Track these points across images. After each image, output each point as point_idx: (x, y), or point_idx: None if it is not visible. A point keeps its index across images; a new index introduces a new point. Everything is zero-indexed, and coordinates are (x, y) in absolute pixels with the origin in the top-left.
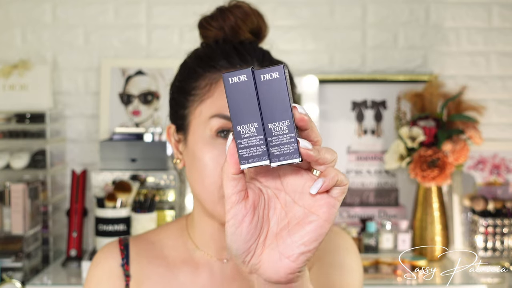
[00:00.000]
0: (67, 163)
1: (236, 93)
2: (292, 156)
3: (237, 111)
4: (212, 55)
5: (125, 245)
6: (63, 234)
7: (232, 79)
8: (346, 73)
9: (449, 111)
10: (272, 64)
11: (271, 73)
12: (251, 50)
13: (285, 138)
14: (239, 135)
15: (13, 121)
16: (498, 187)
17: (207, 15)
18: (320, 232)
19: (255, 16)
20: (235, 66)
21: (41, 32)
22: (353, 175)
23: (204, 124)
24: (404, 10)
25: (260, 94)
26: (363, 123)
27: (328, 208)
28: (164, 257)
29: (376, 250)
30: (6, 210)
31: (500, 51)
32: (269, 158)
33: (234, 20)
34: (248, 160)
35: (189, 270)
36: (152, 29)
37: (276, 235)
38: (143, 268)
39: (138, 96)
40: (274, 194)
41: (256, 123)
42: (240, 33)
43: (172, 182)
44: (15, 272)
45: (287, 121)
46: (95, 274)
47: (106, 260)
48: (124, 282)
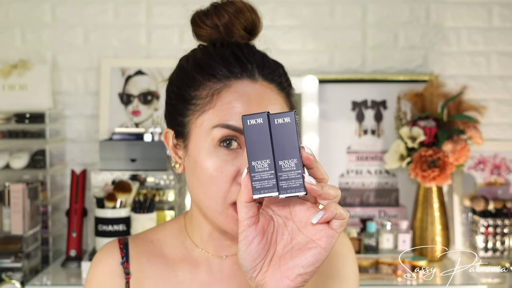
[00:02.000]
0: (67, 163)
1: (253, 133)
2: (298, 190)
3: (252, 148)
4: (211, 62)
5: (125, 244)
6: (63, 234)
7: (250, 121)
8: (346, 73)
9: (449, 111)
10: (272, 73)
11: (283, 118)
12: (250, 55)
13: (293, 174)
14: (253, 169)
15: (12, 121)
16: (499, 187)
17: (200, 11)
18: (318, 258)
19: (249, 11)
20: (236, 75)
21: (41, 32)
22: (353, 175)
23: (206, 134)
24: (404, 10)
25: (273, 135)
26: (363, 123)
27: (327, 238)
28: (163, 256)
29: (376, 250)
30: (5, 210)
31: (501, 51)
32: (278, 190)
33: (228, 17)
34: (260, 191)
35: (188, 268)
36: (152, 29)
37: (281, 257)
38: (142, 266)
39: (138, 96)
40: (284, 222)
41: (268, 160)
42: (234, 31)
43: (171, 182)
44: (14, 272)
45: (295, 159)
46: (96, 273)
47: (106, 259)
48: (124, 280)
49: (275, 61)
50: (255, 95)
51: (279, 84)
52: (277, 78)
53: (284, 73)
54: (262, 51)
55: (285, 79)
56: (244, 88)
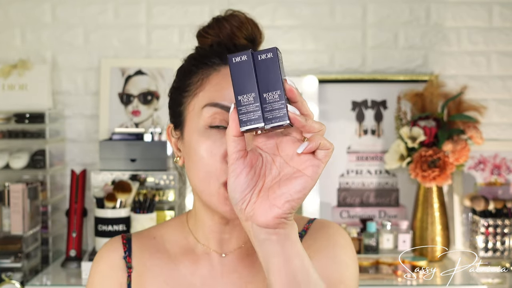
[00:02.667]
0: (67, 163)
1: (238, 69)
2: (282, 119)
3: (238, 84)
4: (205, 54)
5: (128, 239)
6: (63, 234)
7: (235, 58)
8: (346, 73)
9: (449, 111)
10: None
11: (266, 54)
12: (242, 49)
13: (277, 105)
14: (240, 103)
15: (12, 121)
16: (499, 187)
17: (204, 25)
18: (304, 186)
19: (250, 24)
20: (225, 61)
21: (41, 32)
22: (353, 175)
23: (197, 116)
24: (404, 10)
25: (257, 70)
26: (363, 123)
27: (313, 167)
28: (165, 251)
29: (377, 251)
30: (5, 210)
31: (501, 51)
32: (264, 121)
33: (230, 28)
34: (246, 123)
35: (190, 263)
36: (151, 29)
37: (269, 188)
38: (144, 261)
39: (138, 96)
40: (272, 158)
41: (253, 93)
42: (235, 40)
43: (171, 182)
44: (14, 272)
45: (278, 90)
46: (98, 267)
47: (109, 253)
48: (126, 274)
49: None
50: None
51: None
52: None
53: None
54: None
55: None
56: None
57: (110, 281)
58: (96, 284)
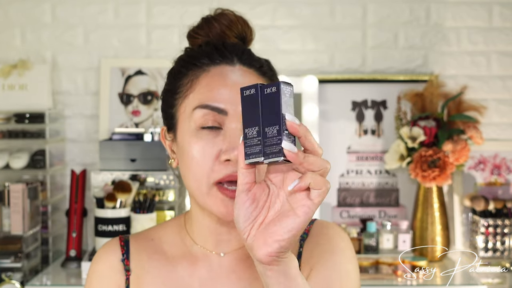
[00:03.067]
0: (67, 163)
1: (247, 102)
2: (277, 155)
3: (246, 117)
4: (194, 55)
5: (125, 241)
6: (63, 234)
7: (245, 92)
8: (346, 73)
9: (449, 111)
10: (251, 59)
11: (271, 88)
12: (231, 47)
13: (274, 140)
14: (246, 136)
15: (12, 121)
16: (499, 187)
17: (194, 25)
18: (293, 226)
19: (240, 23)
20: (214, 61)
21: (41, 32)
22: (353, 175)
23: (188, 117)
24: (404, 9)
25: (263, 104)
26: (363, 123)
27: (303, 207)
28: (163, 252)
29: (377, 251)
30: (5, 210)
31: (501, 51)
32: (263, 156)
33: (220, 27)
34: (249, 156)
35: (188, 264)
36: (151, 29)
37: (269, 223)
38: (143, 263)
39: (138, 96)
40: (277, 192)
41: (257, 127)
42: (226, 38)
43: (171, 182)
44: (14, 272)
45: (277, 125)
46: (96, 268)
47: (107, 255)
48: (124, 277)
49: (259, 57)
50: (232, 77)
51: (258, 68)
52: (256, 64)
53: (268, 66)
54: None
55: (268, 67)
56: (221, 71)
57: (109, 282)
58: (94, 285)
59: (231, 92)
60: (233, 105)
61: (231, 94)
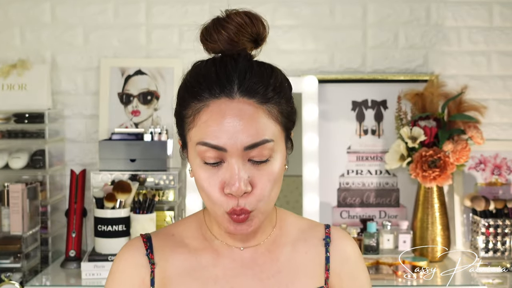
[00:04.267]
0: (66, 163)
1: None
2: None
3: None
4: (196, 84)
5: (147, 238)
6: (62, 234)
7: None
8: (346, 73)
9: (450, 111)
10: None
11: None
12: (233, 72)
13: None
14: None
15: (12, 121)
16: (499, 187)
17: (203, 28)
18: None
19: (250, 26)
20: (214, 95)
21: (40, 32)
22: (353, 175)
23: (193, 149)
24: (404, 9)
25: None
26: (363, 123)
27: None
28: (185, 245)
29: (377, 251)
30: (4, 210)
31: (501, 51)
32: None
33: (228, 35)
34: None
35: (211, 256)
36: (151, 28)
37: None
38: (166, 256)
39: (138, 96)
40: None
41: None
42: (236, 45)
43: (171, 182)
44: (13, 272)
45: None
46: (119, 265)
47: (130, 252)
48: (149, 270)
49: (268, 68)
50: (229, 112)
51: (262, 95)
52: (260, 90)
53: (276, 81)
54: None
55: (273, 88)
56: (220, 106)
57: (131, 279)
58: (116, 283)
59: (228, 128)
60: (231, 139)
61: (229, 130)
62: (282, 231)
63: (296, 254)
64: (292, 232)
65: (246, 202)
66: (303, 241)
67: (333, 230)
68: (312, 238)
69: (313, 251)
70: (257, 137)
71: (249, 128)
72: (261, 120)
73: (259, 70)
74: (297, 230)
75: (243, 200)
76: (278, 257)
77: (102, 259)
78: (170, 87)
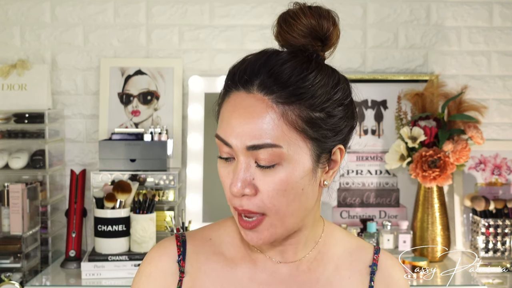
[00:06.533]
0: (66, 163)
1: None
2: None
3: None
4: (229, 71)
5: (183, 241)
6: (62, 234)
7: None
8: (346, 72)
9: (450, 111)
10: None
11: None
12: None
13: None
14: None
15: (11, 121)
16: (499, 187)
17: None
18: None
19: (319, 28)
20: (236, 86)
21: (40, 32)
22: (353, 175)
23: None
24: (404, 9)
25: None
26: (363, 123)
27: None
28: (221, 253)
29: None
30: (4, 210)
31: (501, 51)
32: None
33: (293, 39)
34: None
35: (248, 267)
36: (151, 28)
37: None
38: (199, 264)
39: (138, 96)
40: None
41: None
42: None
43: (171, 182)
44: (14, 272)
45: None
46: (148, 269)
47: (161, 257)
48: (177, 279)
49: (314, 71)
50: (240, 107)
51: (279, 94)
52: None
53: (312, 85)
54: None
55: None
56: (236, 99)
57: (157, 285)
58: (142, 286)
59: (235, 124)
60: (236, 137)
61: (235, 126)
62: (326, 247)
63: (338, 276)
64: (338, 250)
65: (249, 204)
66: (348, 264)
67: (382, 257)
68: (357, 262)
69: (357, 277)
70: (260, 139)
71: (253, 127)
72: (272, 121)
73: (296, 69)
74: (343, 250)
75: (246, 201)
76: (319, 277)
77: (102, 259)
78: (170, 87)
